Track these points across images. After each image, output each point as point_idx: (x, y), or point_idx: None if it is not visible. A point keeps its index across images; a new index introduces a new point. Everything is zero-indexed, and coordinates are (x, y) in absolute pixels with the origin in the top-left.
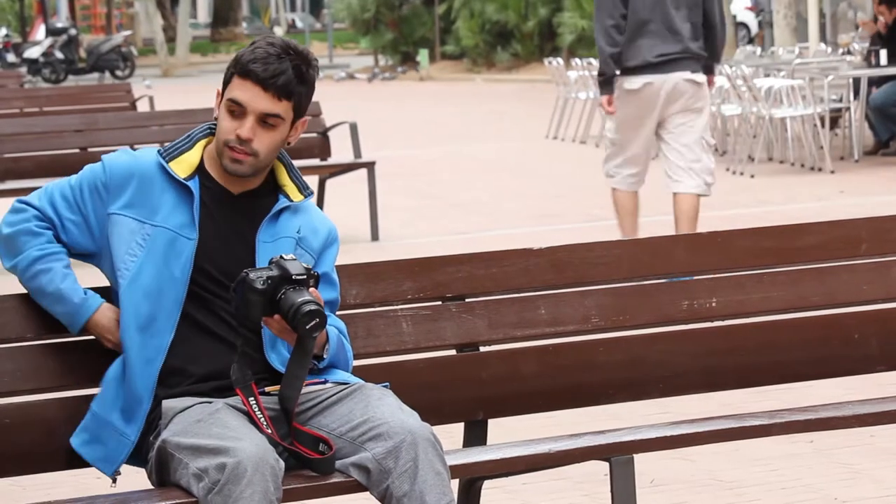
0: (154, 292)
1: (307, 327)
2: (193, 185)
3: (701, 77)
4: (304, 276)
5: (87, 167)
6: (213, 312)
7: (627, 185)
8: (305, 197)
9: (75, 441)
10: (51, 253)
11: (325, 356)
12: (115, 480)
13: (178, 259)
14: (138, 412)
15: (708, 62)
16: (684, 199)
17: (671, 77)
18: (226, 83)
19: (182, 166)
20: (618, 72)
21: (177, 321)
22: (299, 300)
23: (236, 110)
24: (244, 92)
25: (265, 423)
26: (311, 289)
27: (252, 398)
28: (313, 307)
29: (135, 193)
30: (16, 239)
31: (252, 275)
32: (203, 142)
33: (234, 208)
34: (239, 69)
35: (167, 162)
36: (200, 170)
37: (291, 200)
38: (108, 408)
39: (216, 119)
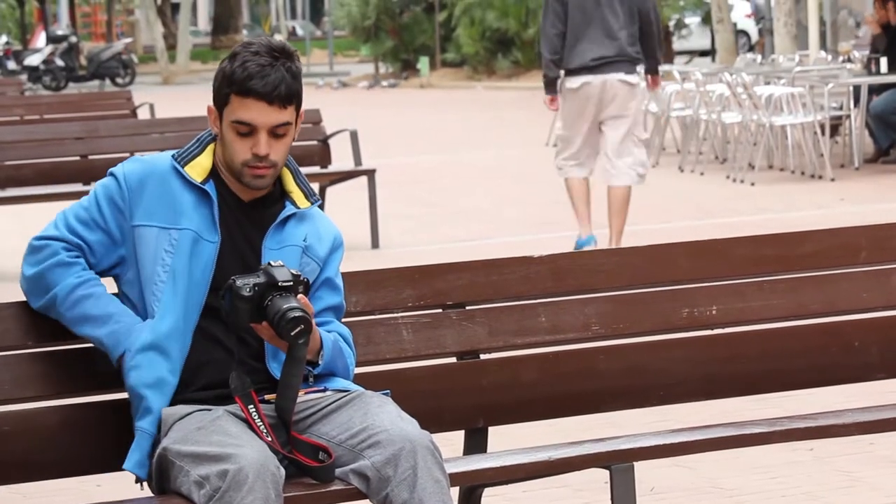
0: (183, 296)
1: (292, 334)
2: (210, 188)
3: (634, 78)
4: (291, 283)
5: (99, 184)
6: (220, 320)
7: (576, 173)
8: (312, 203)
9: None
10: (89, 279)
11: (319, 362)
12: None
13: (200, 261)
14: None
15: (649, 64)
16: (617, 190)
17: (607, 77)
18: (222, 103)
19: (197, 170)
20: (562, 73)
21: (195, 323)
22: (284, 307)
23: (244, 130)
24: (249, 111)
25: (265, 430)
26: (300, 295)
27: (251, 406)
28: (298, 314)
29: (153, 199)
30: (46, 275)
31: (239, 282)
32: (212, 145)
33: (244, 214)
34: (237, 88)
35: (183, 166)
36: (213, 174)
37: (298, 207)
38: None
39: (216, 136)
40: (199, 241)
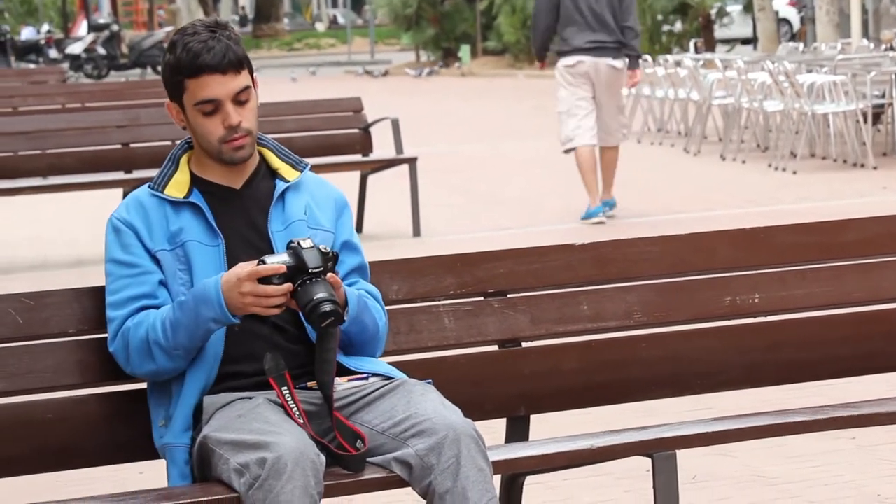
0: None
1: (322, 326)
2: (195, 197)
3: (619, 63)
4: (321, 269)
5: (108, 245)
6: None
7: (584, 140)
8: (301, 171)
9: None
10: (160, 310)
11: (345, 318)
12: None
13: (211, 267)
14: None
15: (629, 54)
16: (608, 150)
17: (598, 60)
18: (179, 93)
19: (177, 188)
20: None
21: (224, 329)
22: (316, 297)
23: (209, 108)
24: (208, 87)
25: (297, 413)
26: (329, 274)
27: (285, 388)
28: (328, 307)
29: (154, 228)
30: (136, 348)
31: (269, 260)
32: (185, 157)
33: (242, 201)
34: (188, 72)
35: (161, 191)
36: (196, 181)
37: (288, 180)
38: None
39: (185, 128)
40: (203, 249)
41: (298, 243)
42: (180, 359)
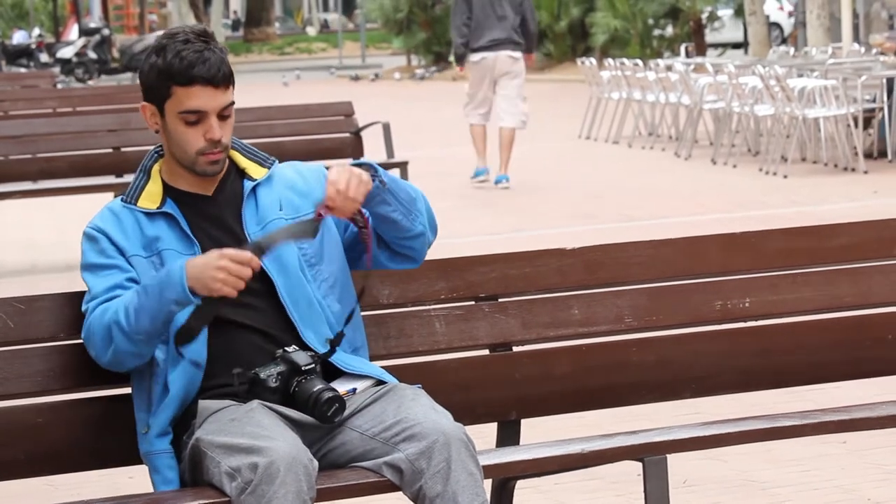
0: (184, 312)
1: (328, 415)
2: (169, 207)
3: (518, 55)
4: (313, 365)
5: (84, 252)
6: (237, 304)
7: (477, 120)
8: (269, 168)
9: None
10: (117, 300)
11: (383, 181)
12: None
13: None
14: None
15: (527, 46)
16: (506, 130)
17: (499, 54)
18: (162, 97)
19: (150, 198)
20: (470, 50)
21: (207, 333)
22: (315, 391)
23: (193, 118)
24: (197, 98)
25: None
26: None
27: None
28: (328, 395)
29: (129, 237)
30: (100, 333)
31: (262, 374)
32: (156, 168)
33: (215, 207)
34: (180, 79)
35: (134, 203)
36: (168, 190)
37: (255, 179)
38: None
39: (157, 132)
40: (180, 258)
41: (284, 349)
42: (142, 344)
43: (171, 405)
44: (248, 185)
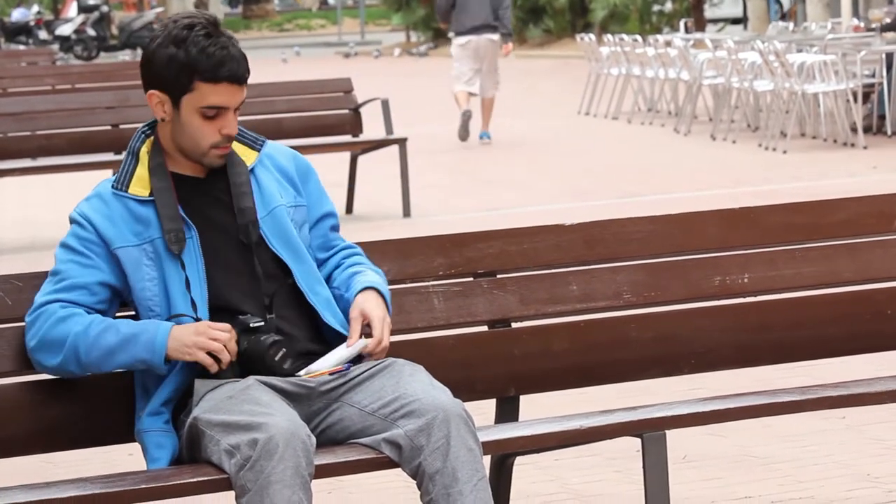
0: (181, 297)
1: (276, 360)
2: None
3: (496, 38)
4: (262, 324)
5: (67, 235)
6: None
7: (464, 88)
8: (259, 149)
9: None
10: (94, 318)
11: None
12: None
13: (188, 257)
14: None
15: (503, 32)
16: (487, 99)
17: (481, 37)
18: (182, 90)
19: (140, 184)
20: (452, 34)
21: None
22: (261, 340)
23: (213, 113)
24: (221, 95)
25: None
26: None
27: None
28: (270, 340)
29: (119, 224)
30: (51, 334)
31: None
32: (145, 149)
33: (207, 187)
34: (208, 76)
35: (125, 190)
36: (159, 172)
37: (247, 162)
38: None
39: (162, 120)
40: (176, 242)
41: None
42: (84, 373)
43: (168, 386)
44: (245, 168)
